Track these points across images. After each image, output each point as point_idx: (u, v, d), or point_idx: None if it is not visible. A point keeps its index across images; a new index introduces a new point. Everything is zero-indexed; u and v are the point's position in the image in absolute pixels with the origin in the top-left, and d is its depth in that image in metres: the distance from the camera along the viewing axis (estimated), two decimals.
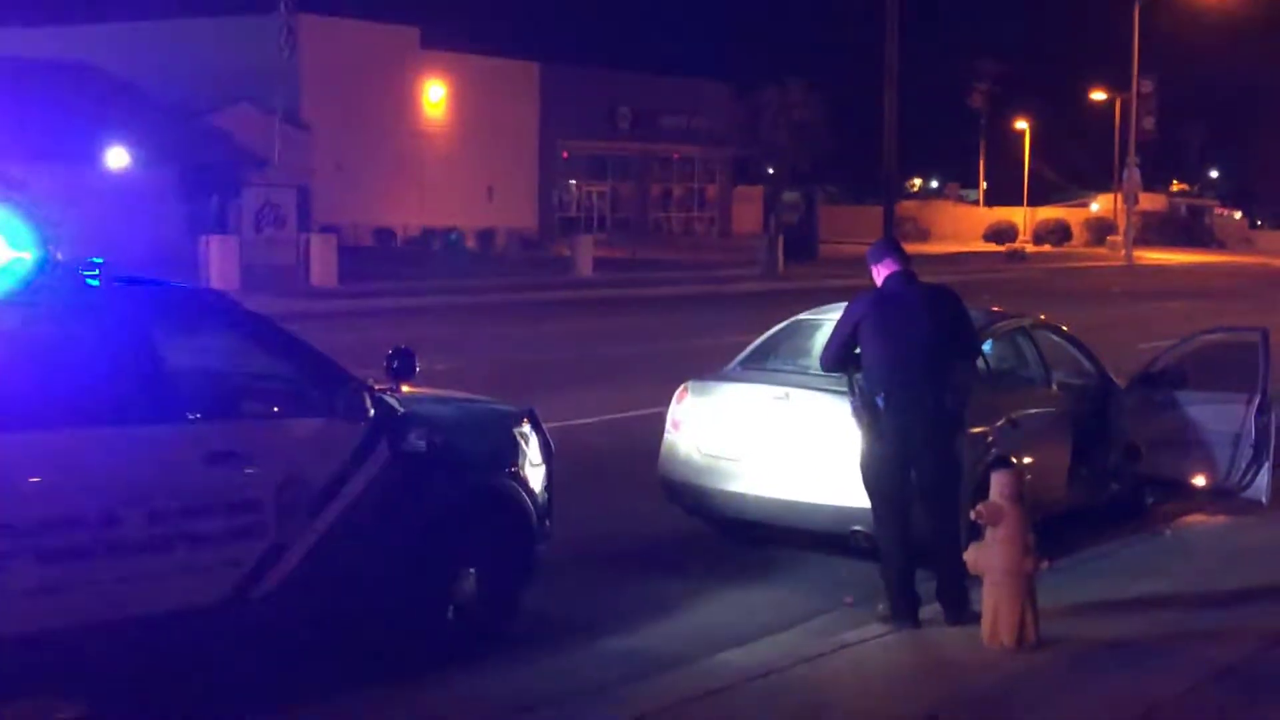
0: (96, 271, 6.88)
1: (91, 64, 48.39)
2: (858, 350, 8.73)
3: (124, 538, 6.55)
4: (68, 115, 42.92)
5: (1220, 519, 11.52)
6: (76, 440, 6.51)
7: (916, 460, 8.47)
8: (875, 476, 8.59)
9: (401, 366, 8.18)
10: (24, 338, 6.68)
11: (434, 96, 61.87)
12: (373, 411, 7.55)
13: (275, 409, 7.53)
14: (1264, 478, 11.00)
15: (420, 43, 61.32)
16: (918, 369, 8.46)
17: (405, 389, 8.15)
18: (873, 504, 8.67)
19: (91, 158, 42.70)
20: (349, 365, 7.75)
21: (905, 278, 8.77)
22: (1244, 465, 11.05)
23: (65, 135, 42.46)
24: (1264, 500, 11.06)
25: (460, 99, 62.21)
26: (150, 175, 43.71)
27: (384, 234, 55.43)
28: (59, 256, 6.83)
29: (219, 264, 33.32)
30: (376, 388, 7.76)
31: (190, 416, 7.03)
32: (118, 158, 43.15)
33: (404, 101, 60.57)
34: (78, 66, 47.58)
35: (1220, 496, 11.42)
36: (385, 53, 58.59)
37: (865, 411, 8.54)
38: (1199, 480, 11.29)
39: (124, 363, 6.80)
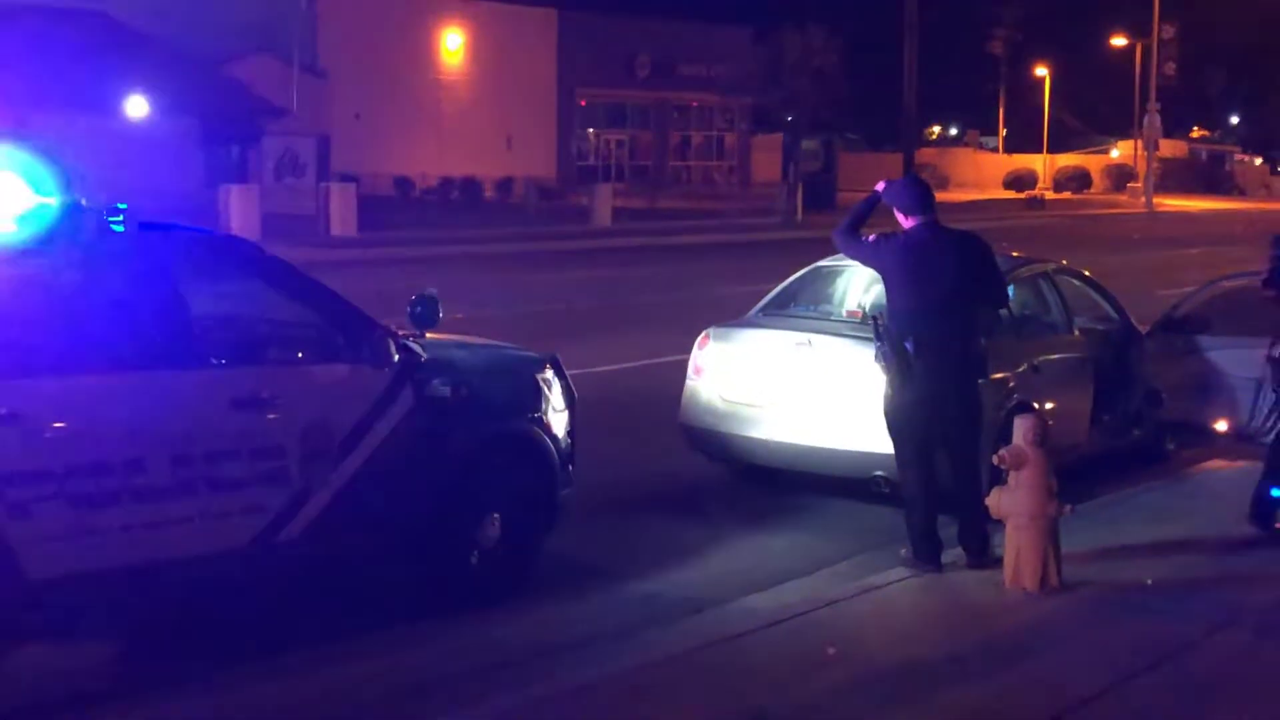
0: (121, 217, 6.89)
1: (108, 14, 48.28)
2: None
3: (149, 483, 6.59)
4: (86, 65, 42.85)
5: (1241, 464, 11.50)
6: (101, 386, 6.54)
7: (941, 405, 8.48)
8: (901, 421, 8.59)
9: (425, 313, 8.18)
10: (49, 283, 6.69)
11: (452, 45, 61.63)
12: (397, 357, 7.58)
13: (299, 355, 7.55)
14: None
15: None
16: (946, 315, 8.45)
17: (428, 335, 8.18)
18: (897, 449, 8.68)
19: (111, 107, 42.66)
20: (371, 313, 7.77)
21: (932, 224, 8.72)
22: (1265, 410, 11.01)
23: (84, 85, 42.40)
24: None
25: (478, 47, 61.97)
26: (170, 125, 43.67)
27: (403, 183, 55.33)
28: (84, 202, 6.84)
29: (239, 213, 33.35)
30: (400, 334, 7.78)
31: (215, 362, 7.07)
32: (137, 107, 43.13)
33: (422, 50, 60.35)
34: (95, 15, 47.46)
35: (1241, 441, 11.39)
36: (403, 1, 58.36)
37: (893, 356, 8.51)
38: (1220, 425, 11.27)
39: (149, 308, 6.83)
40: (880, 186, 8.88)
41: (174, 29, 48.77)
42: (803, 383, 10.21)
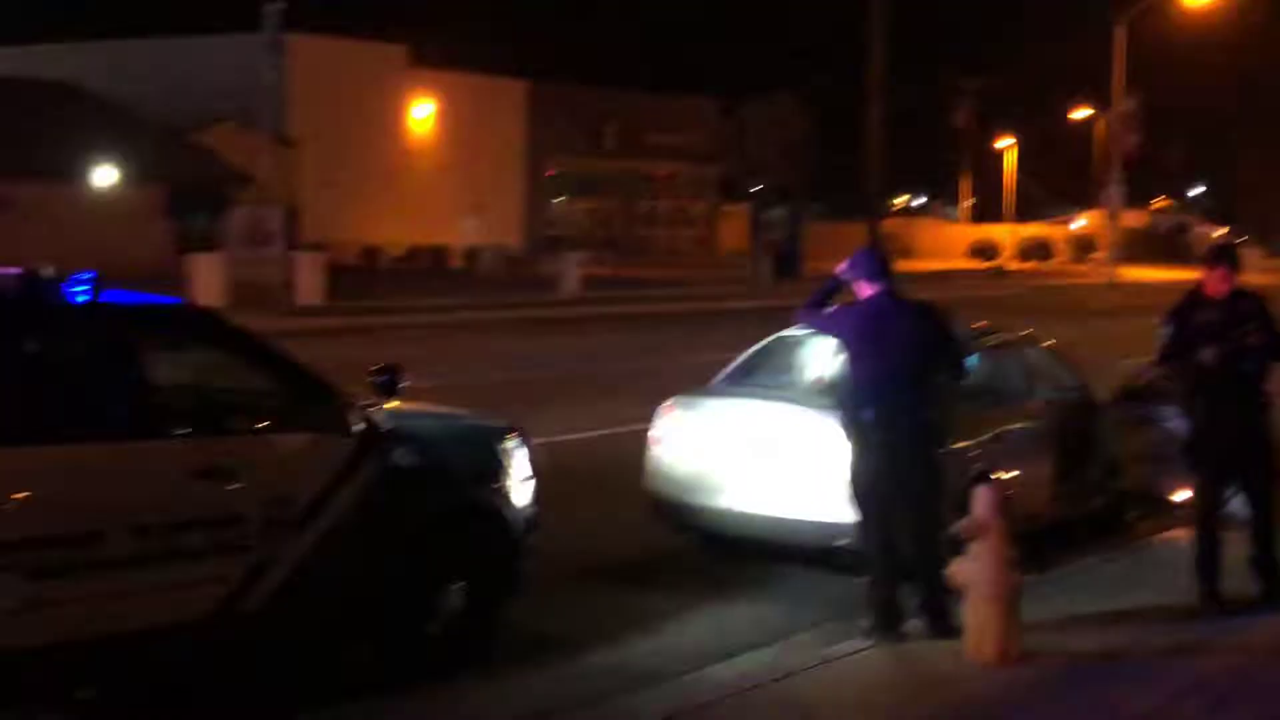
0: (85, 286, 6.91)
1: (76, 83, 48.38)
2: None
3: (109, 554, 6.57)
4: (54, 133, 42.92)
5: None
6: (63, 456, 6.54)
7: (901, 474, 8.52)
8: (862, 490, 8.64)
9: (387, 382, 8.25)
10: (8, 352, 6.70)
11: (421, 114, 61.98)
12: (359, 427, 7.59)
13: (261, 424, 7.55)
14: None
15: (408, 61, 61.43)
16: (904, 385, 8.51)
17: (391, 405, 8.20)
18: (860, 518, 8.72)
19: (78, 175, 42.71)
20: (336, 382, 7.79)
21: (889, 294, 8.81)
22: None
23: (51, 153, 42.44)
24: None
25: (447, 117, 62.31)
26: (137, 193, 43.75)
27: (371, 251, 55.47)
28: (48, 272, 6.86)
29: (206, 281, 33.34)
30: (362, 403, 7.80)
31: (176, 431, 7.07)
32: (105, 175, 43.18)
33: (391, 119, 60.67)
34: (62, 85, 47.57)
35: None
36: (372, 71, 58.71)
37: (852, 426, 8.59)
38: (1180, 495, 11.34)
39: (111, 378, 6.84)
40: (841, 268, 8.97)
41: (143, 97, 48.97)
42: (765, 452, 10.24)
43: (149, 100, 49.27)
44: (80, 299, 6.89)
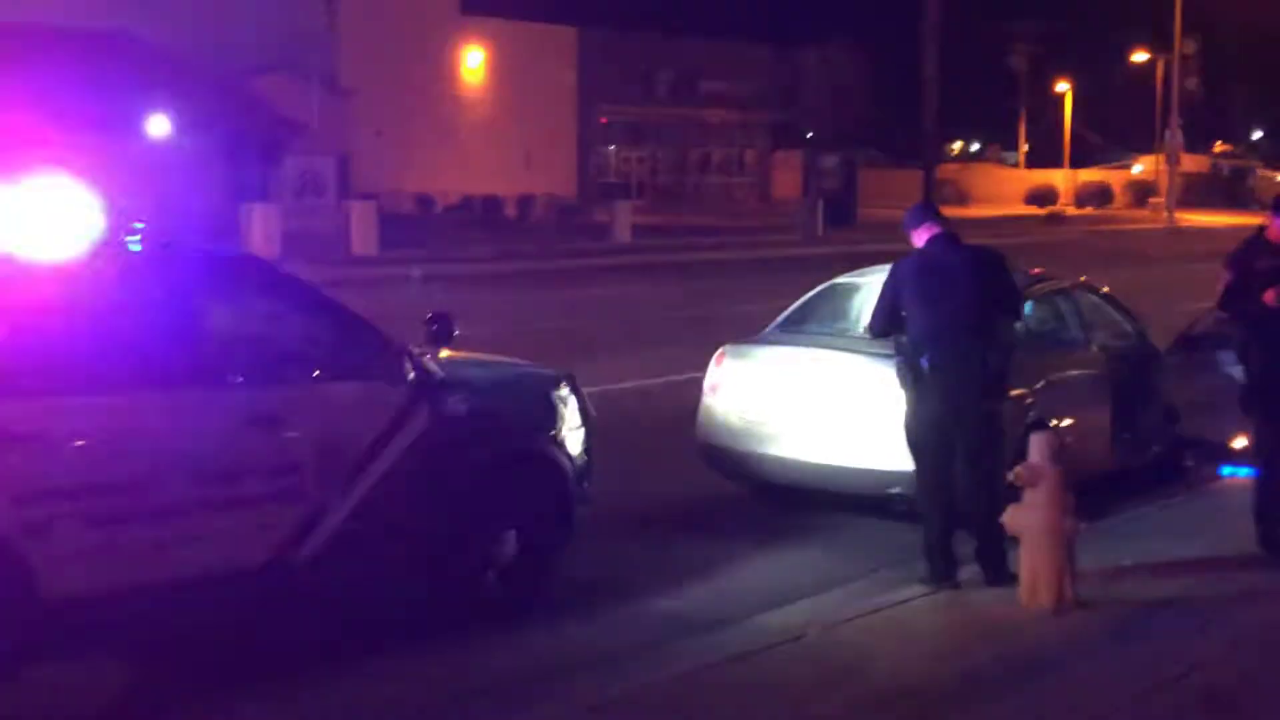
0: (139, 236, 6.93)
1: (128, 31, 48.49)
2: (903, 314, 8.72)
3: (166, 501, 6.62)
4: (107, 84, 43.05)
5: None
6: (120, 405, 6.57)
7: (959, 421, 8.46)
8: (919, 438, 8.59)
9: (440, 331, 8.26)
10: (68, 304, 6.73)
11: (473, 62, 61.86)
12: (412, 375, 7.60)
13: (316, 373, 7.57)
14: None
15: (460, 8, 61.27)
16: (962, 331, 8.45)
17: (445, 353, 8.20)
18: (916, 465, 8.67)
19: (132, 126, 42.82)
20: (389, 331, 7.80)
21: (947, 239, 8.75)
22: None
23: (105, 104, 42.57)
24: None
25: (499, 64, 62.17)
26: (191, 143, 43.81)
27: (424, 200, 55.51)
28: (102, 223, 6.88)
29: (261, 231, 33.50)
30: (416, 352, 7.81)
31: (232, 380, 7.10)
32: (158, 126, 43.31)
33: (443, 67, 60.58)
34: (115, 34, 47.66)
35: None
36: (425, 18, 58.54)
37: (909, 373, 8.53)
38: (1238, 442, 11.23)
39: (166, 327, 6.86)
40: None
41: (195, 45, 49.00)
42: (819, 400, 10.20)
43: (201, 49, 49.31)
44: (134, 248, 6.91)
